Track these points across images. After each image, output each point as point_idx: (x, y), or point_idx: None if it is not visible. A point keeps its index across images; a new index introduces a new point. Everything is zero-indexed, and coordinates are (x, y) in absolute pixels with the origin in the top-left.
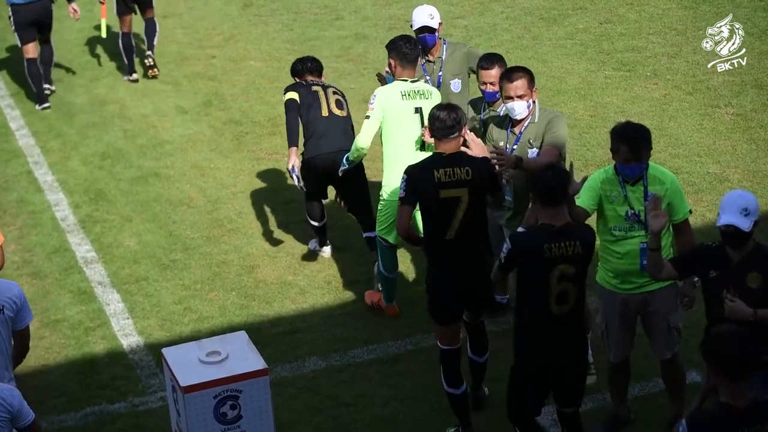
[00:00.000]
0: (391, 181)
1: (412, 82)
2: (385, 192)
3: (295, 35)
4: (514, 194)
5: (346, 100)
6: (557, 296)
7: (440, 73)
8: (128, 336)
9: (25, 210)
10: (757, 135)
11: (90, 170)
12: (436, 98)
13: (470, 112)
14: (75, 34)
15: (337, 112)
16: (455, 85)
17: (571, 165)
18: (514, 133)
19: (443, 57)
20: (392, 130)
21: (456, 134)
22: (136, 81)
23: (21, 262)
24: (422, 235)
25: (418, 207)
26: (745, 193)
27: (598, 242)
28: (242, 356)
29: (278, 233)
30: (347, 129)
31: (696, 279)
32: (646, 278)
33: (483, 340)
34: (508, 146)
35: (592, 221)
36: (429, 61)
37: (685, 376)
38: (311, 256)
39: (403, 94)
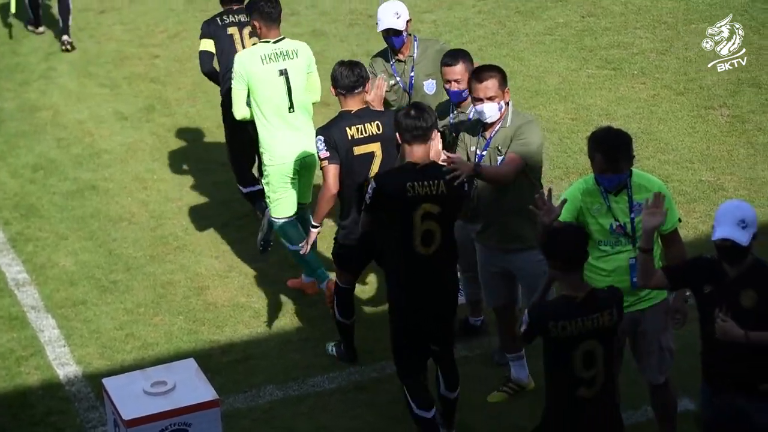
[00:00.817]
0: (267, 144)
1: (275, 42)
2: (265, 156)
3: None
4: (485, 203)
5: None
6: (422, 236)
7: (412, 74)
8: (65, 365)
9: None
10: (755, 138)
11: (20, 183)
12: (303, 57)
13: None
14: (1, 33)
15: None
16: (429, 86)
17: (550, 191)
18: (485, 138)
19: (414, 56)
20: (259, 96)
21: (360, 90)
22: (42, 33)
23: None
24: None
25: None
26: (742, 203)
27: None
28: (191, 386)
29: (230, 251)
30: None
31: (688, 293)
32: (635, 296)
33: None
34: (478, 151)
35: None
36: (399, 60)
37: (677, 404)
38: (266, 275)
39: (263, 57)
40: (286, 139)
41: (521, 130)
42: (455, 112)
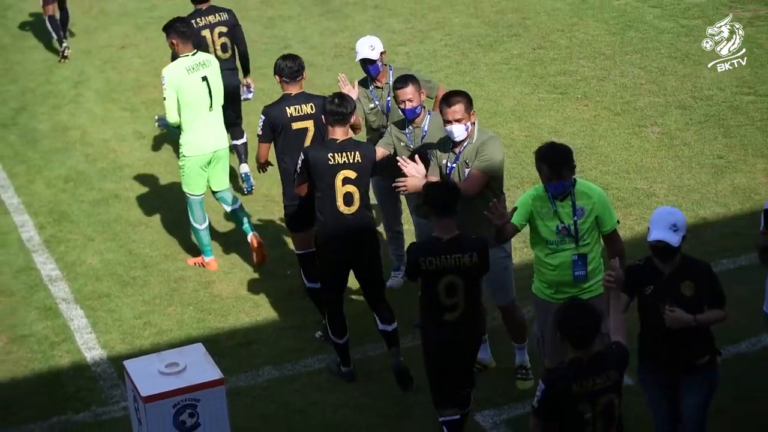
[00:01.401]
0: (188, 139)
1: (192, 55)
2: (184, 149)
3: None
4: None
5: (235, 36)
6: (344, 197)
7: (388, 98)
8: (91, 350)
9: None
10: (681, 152)
11: (54, 193)
12: (215, 64)
13: (393, 132)
14: (38, 64)
15: (221, 55)
16: None
17: (503, 199)
18: (454, 153)
19: (390, 82)
20: (187, 100)
21: (299, 77)
22: (66, 58)
23: None
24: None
25: None
26: (673, 209)
27: (531, 254)
28: (200, 367)
29: (232, 251)
30: (231, 68)
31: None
32: (578, 288)
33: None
34: (448, 164)
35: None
36: (377, 87)
37: None
38: (264, 271)
39: (188, 68)
40: (204, 135)
41: (484, 147)
42: (410, 127)
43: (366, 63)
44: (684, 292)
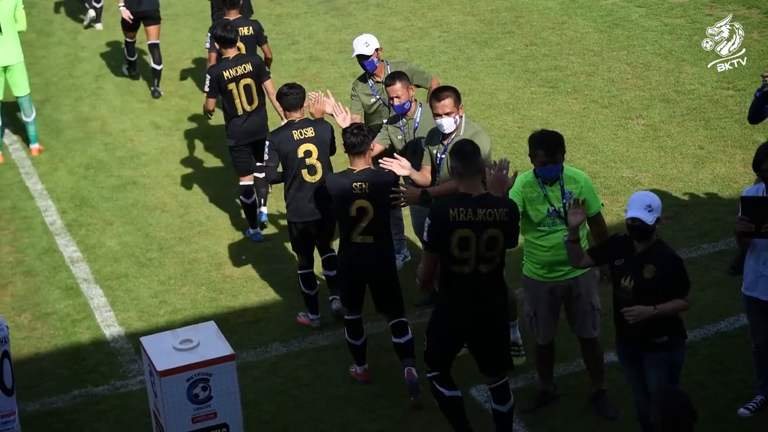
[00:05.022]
0: None
1: None
2: None
3: None
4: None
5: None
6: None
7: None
8: (110, 327)
9: (18, 215)
10: (665, 143)
11: (75, 180)
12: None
13: (388, 128)
14: (61, 59)
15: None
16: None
17: (508, 162)
18: (443, 144)
19: None
20: None
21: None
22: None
23: (15, 262)
24: None
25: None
26: (649, 193)
27: (522, 240)
28: (212, 343)
29: (243, 234)
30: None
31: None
32: (569, 266)
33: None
34: (438, 154)
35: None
36: (377, 82)
37: (603, 356)
38: (273, 253)
39: None
40: None
41: (472, 139)
42: (403, 119)
43: (361, 59)
44: (645, 274)
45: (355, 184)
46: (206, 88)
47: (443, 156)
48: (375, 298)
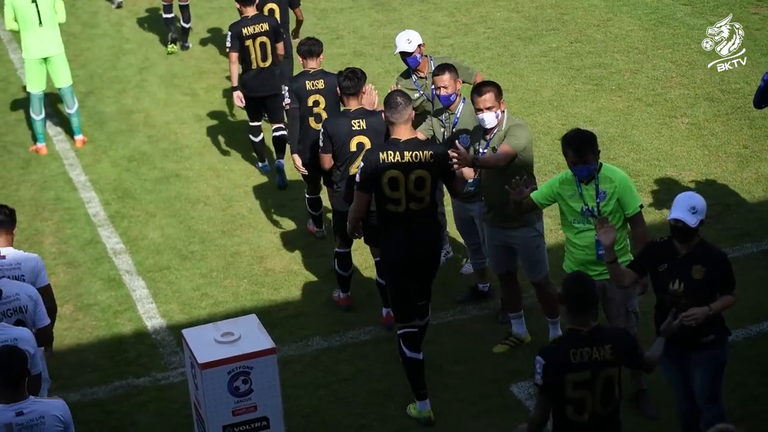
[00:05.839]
0: (24, 47)
1: None
2: (24, 55)
3: None
4: (488, 192)
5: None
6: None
7: (433, 87)
8: (152, 318)
9: (62, 207)
10: (709, 142)
11: (118, 171)
12: None
13: (432, 120)
14: (105, 51)
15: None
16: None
17: (524, 179)
18: (485, 139)
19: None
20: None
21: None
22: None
23: (58, 253)
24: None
25: None
26: (694, 194)
27: (563, 236)
28: (253, 337)
29: (285, 228)
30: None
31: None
32: (603, 266)
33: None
34: (480, 149)
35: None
36: (421, 77)
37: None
38: (315, 247)
39: None
40: (36, 42)
41: (512, 130)
42: (446, 113)
43: (404, 56)
44: (694, 275)
45: (353, 121)
46: (228, 44)
47: (485, 151)
48: None
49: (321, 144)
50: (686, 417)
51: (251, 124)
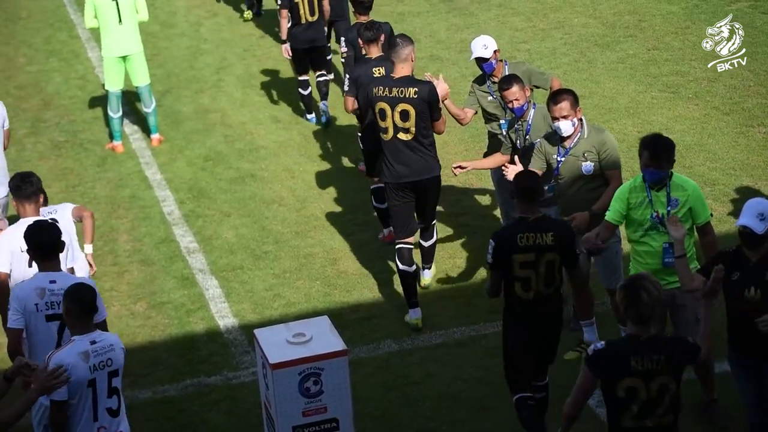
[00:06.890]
0: (103, 45)
1: None
2: (104, 53)
3: None
4: (566, 198)
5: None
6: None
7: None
8: (224, 318)
9: (137, 204)
10: None
11: (194, 171)
12: None
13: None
14: (183, 51)
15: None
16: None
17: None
18: (564, 147)
19: None
20: (98, 14)
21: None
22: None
23: (132, 251)
24: None
25: None
26: (764, 200)
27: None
28: (324, 338)
29: (358, 230)
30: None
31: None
32: (672, 275)
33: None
34: (557, 157)
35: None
36: (494, 82)
37: (714, 365)
38: (388, 251)
39: None
40: (115, 41)
41: (606, 147)
42: (519, 122)
43: (480, 61)
44: None
45: (374, 69)
46: (278, 1)
47: (563, 159)
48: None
49: (346, 87)
50: (757, 428)
51: (299, 78)
